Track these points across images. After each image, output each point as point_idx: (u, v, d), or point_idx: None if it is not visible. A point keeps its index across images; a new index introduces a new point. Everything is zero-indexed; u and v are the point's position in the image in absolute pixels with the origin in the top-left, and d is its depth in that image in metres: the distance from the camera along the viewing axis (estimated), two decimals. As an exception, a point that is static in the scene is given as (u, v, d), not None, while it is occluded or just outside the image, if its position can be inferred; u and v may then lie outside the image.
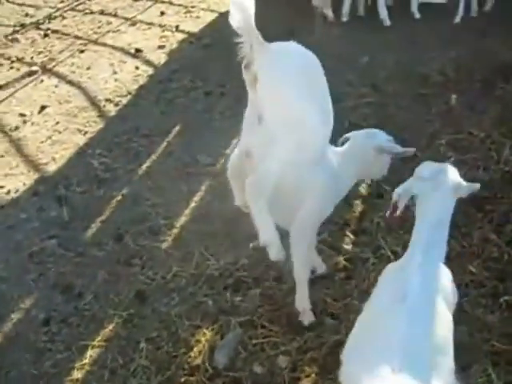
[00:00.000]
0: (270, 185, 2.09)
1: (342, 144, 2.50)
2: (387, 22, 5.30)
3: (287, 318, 2.56)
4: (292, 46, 2.20)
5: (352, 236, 2.99)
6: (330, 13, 5.47)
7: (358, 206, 3.20)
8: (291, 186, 2.19)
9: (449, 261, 2.68)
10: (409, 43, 4.95)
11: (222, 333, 2.51)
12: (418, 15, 5.38)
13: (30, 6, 7.16)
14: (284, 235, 2.29)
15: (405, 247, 2.79)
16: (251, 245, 2.94)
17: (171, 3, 6.51)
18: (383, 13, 5.31)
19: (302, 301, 2.51)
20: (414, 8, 5.39)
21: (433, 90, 4.23)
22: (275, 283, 2.75)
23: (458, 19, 5.12)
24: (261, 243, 2.16)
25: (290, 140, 2.09)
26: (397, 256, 2.79)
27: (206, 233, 3.14)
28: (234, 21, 2.02)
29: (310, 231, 2.38)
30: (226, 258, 2.94)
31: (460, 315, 2.44)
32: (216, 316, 2.61)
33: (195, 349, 2.46)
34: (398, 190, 1.99)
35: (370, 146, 2.43)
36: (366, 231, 3.00)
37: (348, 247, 2.92)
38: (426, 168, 2.04)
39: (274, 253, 2.17)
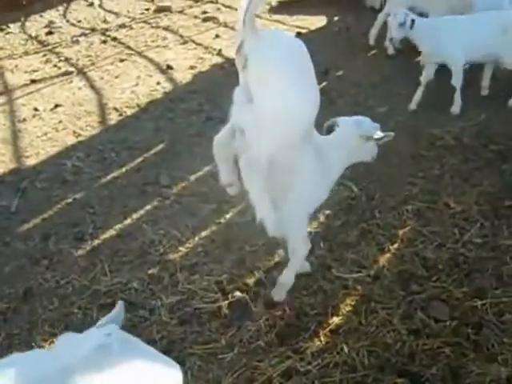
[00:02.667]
0: (265, 162, 2.29)
1: (329, 128, 2.72)
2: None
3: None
4: (280, 33, 2.54)
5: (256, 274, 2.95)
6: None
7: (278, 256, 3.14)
8: (282, 165, 2.38)
9: (335, 334, 2.62)
10: (441, 100, 4.72)
11: (67, 348, 2.60)
12: (486, 91, 4.90)
13: (113, 13, 7.96)
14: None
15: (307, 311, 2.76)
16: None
17: (233, 29, 6.85)
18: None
19: (287, 276, 2.72)
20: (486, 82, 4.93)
21: (436, 152, 4.02)
22: (148, 313, 2.80)
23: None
24: (257, 220, 2.36)
25: (279, 121, 2.25)
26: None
27: (120, 249, 3.28)
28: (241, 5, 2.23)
29: (303, 212, 2.56)
30: (121, 277, 3.05)
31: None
32: (76, 330, 2.71)
33: (34, 356, 2.58)
34: None
35: (357, 134, 2.70)
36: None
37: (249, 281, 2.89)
38: None
39: (271, 229, 2.37)
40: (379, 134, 2.74)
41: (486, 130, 4.29)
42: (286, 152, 2.34)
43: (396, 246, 3.16)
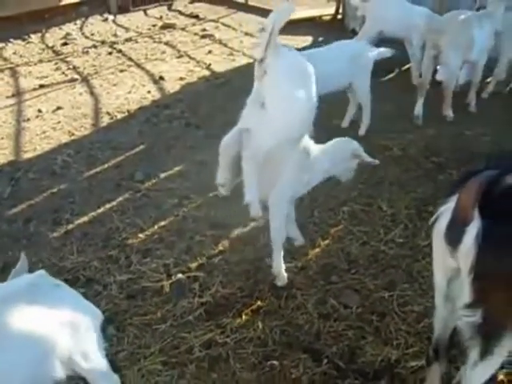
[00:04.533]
0: (262, 154, 2.58)
1: None
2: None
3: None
4: (295, 54, 2.81)
5: (200, 260, 3.13)
6: (450, 113, 4.88)
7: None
8: (276, 159, 2.67)
9: (255, 314, 2.78)
10: (398, 116, 4.88)
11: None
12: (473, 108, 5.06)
13: (124, 27, 8.22)
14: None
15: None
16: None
17: (225, 46, 7.06)
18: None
19: (277, 265, 2.92)
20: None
21: (382, 161, 4.09)
22: (101, 288, 3.00)
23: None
24: (244, 201, 2.62)
25: (283, 121, 2.57)
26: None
27: (89, 233, 3.48)
28: (269, 19, 2.47)
29: (284, 201, 2.83)
30: (85, 257, 3.25)
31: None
32: (38, 299, 2.93)
33: None
34: None
35: (350, 149, 2.94)
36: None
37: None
38: None
39: (254, 210, 2.64)
40: (369, 158, 2.95)
41: (431, 143, 4.43)
42: (283, 146, 2.62)
43: (326, 242, 3.32)
